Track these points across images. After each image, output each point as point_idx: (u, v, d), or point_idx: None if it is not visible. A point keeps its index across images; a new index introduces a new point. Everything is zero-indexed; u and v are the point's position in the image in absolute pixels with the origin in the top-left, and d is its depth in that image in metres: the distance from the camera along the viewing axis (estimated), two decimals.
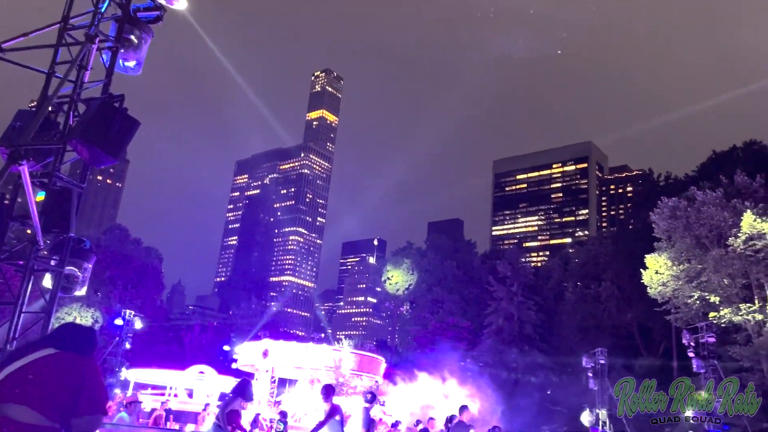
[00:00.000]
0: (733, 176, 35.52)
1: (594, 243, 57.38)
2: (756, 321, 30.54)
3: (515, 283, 51.31)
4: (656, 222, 35.16)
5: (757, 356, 30.52)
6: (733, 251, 30.78)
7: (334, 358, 21.36)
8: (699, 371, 24.28)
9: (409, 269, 62.76)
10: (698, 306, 32.54)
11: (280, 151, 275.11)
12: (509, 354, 48.40)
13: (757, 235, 30.01)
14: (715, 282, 32.04)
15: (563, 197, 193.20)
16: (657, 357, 43.33)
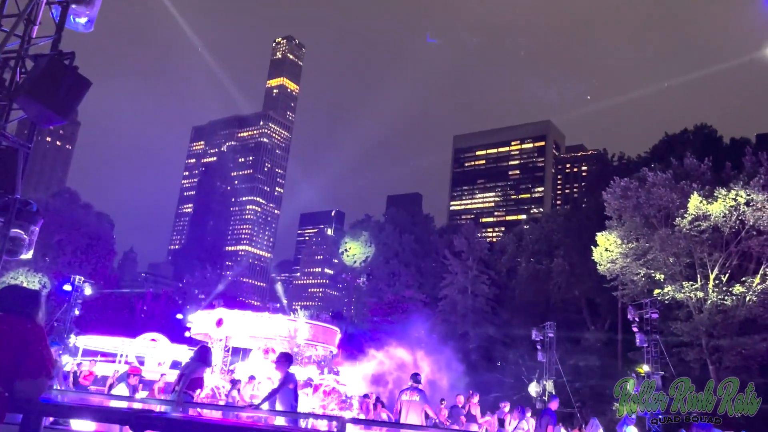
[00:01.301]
0: (683, 158, 36.68)
1: (548, 220, 58.66)
2: (697, 298, 31.95)
3: (470, 258, 52.20)
4: (608, 201, 36.13)
5: (697, 332, 31.99)
6: (679, 231, 31.95)
7: (289, 327, 21.39)
8: (641, 345, 25.25)
9: (366, 242, 62.99)
10: (644, 283, 33.81)
11: (239, 118, 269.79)
12: (462, 326, 49.48)
13: (702, 216, 31.21)
14: (660, 260, 33.28)
15: (520, 174, 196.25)
16: (603, 331, 44.96)
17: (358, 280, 65.47)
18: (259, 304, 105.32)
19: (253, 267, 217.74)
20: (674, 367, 27.16)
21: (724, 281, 31.81)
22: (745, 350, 30.86)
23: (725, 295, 31.25)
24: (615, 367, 39.68)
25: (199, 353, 9.54)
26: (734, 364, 31.26)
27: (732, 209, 30.56)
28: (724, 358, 31.73)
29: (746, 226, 30.76)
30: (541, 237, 53.36)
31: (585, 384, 38.04)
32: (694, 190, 31.64)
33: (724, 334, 31.34)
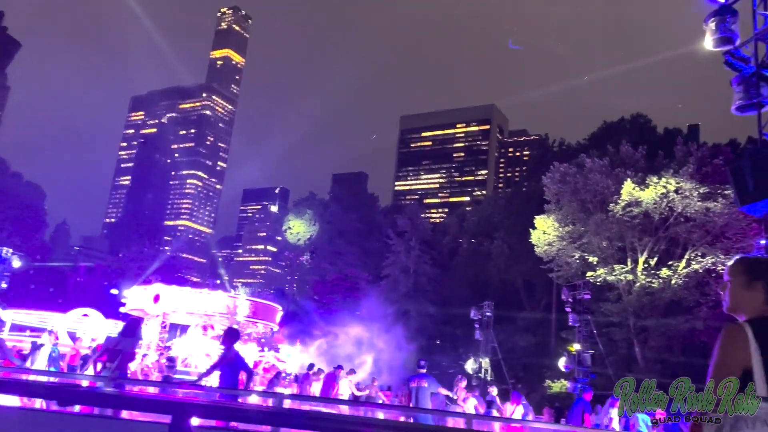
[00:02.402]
0: (619, 146, 38.00)
1: (489, 202, 59.91)
2: (627, 281, 33.44)
3: (413, 238, 52.75)
4: (547, 185, 37.15)
5: (625, 313, 33.54)
6: (612, 216, 33.25)
7: (229, 304, 21.14)
8: (574, 325, 26.38)
9: (311, 220, 62.65)
10: (578, 265, 35.09)
11: (180, 89, 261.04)
12: (404, 305, 50.10)
13: (635, 202, 32.56)
14: (594, 244, 34.59)
15: (465, 157, 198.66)
16: (539, 311, 46.46)
17: (302, 258, 65.16)
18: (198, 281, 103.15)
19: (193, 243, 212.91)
20: (603, 346, 28.48)
21: (652, 265, 33.38)
22: (668, 331, 32.57)
23: (653, 278, 32.82)
24: (548, 345, 41.19)
25: (128, 327, 9.30)
26: (658, 344, 33.00)
27: (662, 196, 31.98)
28: (649, 338, 33.43)
29: (674, 213, 32.28)
30: (482, 219, 54.46)
31: (520, 361, 39.34)
32: (628, 177, 32.91)
33: (650, 315, 32.98)
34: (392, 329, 37.48)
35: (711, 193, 31.05)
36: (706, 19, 9.75)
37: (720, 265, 30.50)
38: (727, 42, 9.49)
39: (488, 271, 49.13)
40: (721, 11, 9.52)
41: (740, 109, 9.39)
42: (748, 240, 28.92)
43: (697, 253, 32.34)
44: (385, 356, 34.41)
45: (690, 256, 32.59)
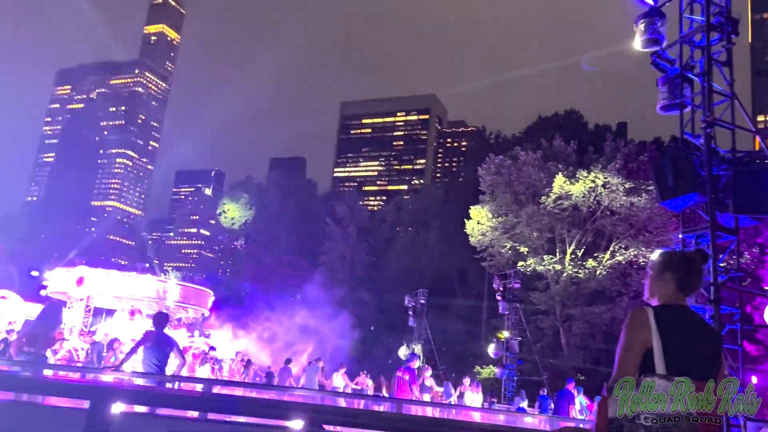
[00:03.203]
0: (552, 140, 39.20)
1: (427, 192, 60.67)
2: (555, 271, 34.68)
3: (351, 225, 52.77)
4: (483, 177, 37.93)
5: (553, 301, 34.84)
6: (544, 208, 34.35)
7: (158, 288, 20.53)
8: (504, 313, 27.12)
9: (247, 204, 61.55)
10: (510, 255, 36.10)
11: (111, 64, 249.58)
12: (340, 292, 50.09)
13: (565, 196, 33.74)
14: (526, 234, 35.65)
15: (404, 145, 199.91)
16: (471, 299, 47.52)
17: (236, 242, 64.03)
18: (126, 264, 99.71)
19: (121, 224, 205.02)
20: (531, 333, 29.47)
21: (579, 256, 34.75)
22: (592, 319, 34.05)
23: (579, 269, 34.19)
24: (479, 332, 42.27)
25: (47, 311, 8.88)
26: (582, 331, 34.47)
27: (590, 190, 33.28)
28: (573, 325, 34.86)
29: (601, 207, 33.68)
30: (419, 208, 55.09)
31: (451, 348, 40.20)
32: (560, 171, 34.05)
33: (575, 304, 34.38)
34: (329, 316, 37.46)
35: (635, 188, 32.53)
36: (637, 20, 10.15)
37: (642, 257, 32.09)
38: (655, 43, 9.91)
39: (424, 260, 49.79)
40: (650, 13, 9.93)
41: (664, 108, 9.85)
42: (668, 234, 30.51)
43: (621, 245, 33.88)
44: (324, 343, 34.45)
45: (614, 248, 34.11)
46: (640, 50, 10.23)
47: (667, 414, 2.45)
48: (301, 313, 40.37)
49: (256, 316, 36.58)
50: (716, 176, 8.64)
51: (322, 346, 34.11)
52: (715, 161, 8.84)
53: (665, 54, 9.97)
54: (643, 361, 2.60)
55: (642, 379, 2.53)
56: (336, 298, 49.63)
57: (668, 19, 10.33)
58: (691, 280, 2.81)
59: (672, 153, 8.86)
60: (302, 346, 33.64)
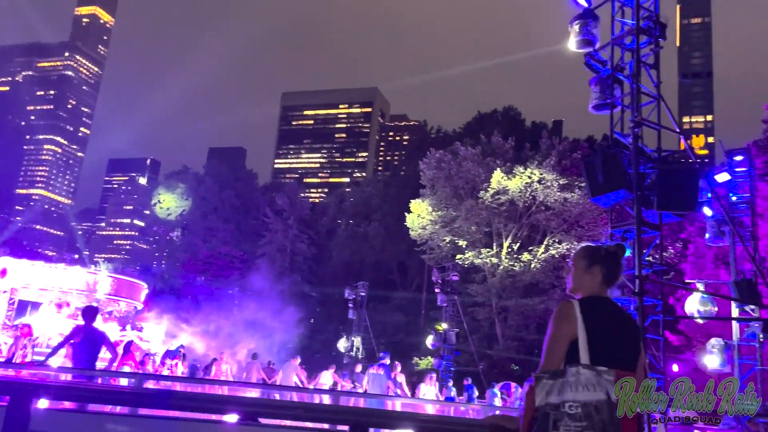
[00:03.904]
0: (491, 136, 40.02)
1: (369, 185, 60.68)
2: (492, 264, 35.50)
3: (292, 217, 52.24)
4: (423, 171, 38.35)
5: (489, 294, 35.66)
6: (482, 203, 35.06)
7: (88, 280, 19.74)
8: (442, 305, 27.55)
9: (183, 194, 59.86)
10: (449, 248, 36.70)
11: (39, 46, 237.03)
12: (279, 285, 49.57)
13: (502, 191, 34.53)
14: (464, 228, 36.31)
15: (346, 138, 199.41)
16: (410, 291, 48.06)
17: (172, 233, 62.27)
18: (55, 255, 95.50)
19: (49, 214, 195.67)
20: (467, 325, 30.07)
21: (515, 249, 35.69)
22: (526, 311, 35.07)
23: (515, 262, 35.12)
24: (418, 324, 42.80)
25: None
26: (517, 323, 35.44)
27: (527, 186, 34.20)
28: (509, 317, 35.82)
29: (537, 202, 34.67)
30: (361, 201, 55.10)
31: (390, 339, 40.51)
32: (498, 167, 34.83)
33: (511, 296, 35.32)
34: (268, 309, 37.05)
35: (569, 184, 33.64)
36: (571, 21, 10.46)
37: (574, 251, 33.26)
38: (588, 44, 10.25)
39: (364, 252, 49.91)
40: (584, 15, 10.25)
41: (596, 108, 10.21)
42: (598, 228, 31.77)
43: (555, 239, 35.00)
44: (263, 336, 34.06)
45: (548, 242, 35.21)
46: (575, 50, 10.55)
47: (591, 402, 2.55)
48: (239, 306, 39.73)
49: (193, 308, 35.79)
50: (643, 174, 9.04)
51: (261, 340, 33.72)
52: (642, 160, 9.25)
53: (598, 55, 10.32)
54: (569, 352, 2.70)
55: (567, 369, 2.63)
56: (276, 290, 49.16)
57: (601, 22, 10.72)
58: (615, 273, 2.94)
59: (602, 151, 9.21)
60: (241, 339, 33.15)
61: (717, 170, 13.61)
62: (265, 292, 47.72)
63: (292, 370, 17.33)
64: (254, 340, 33.39)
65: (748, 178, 13.49)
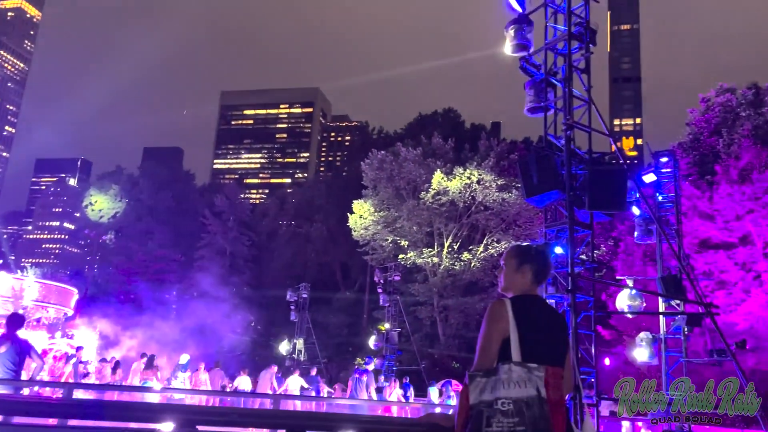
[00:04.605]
0: (431, 138, 40.52)
1: (311, 185, 60.37)
2: (433, 263, 35.94)
3: (232, 218, 51.31)
4: (365, 171, 38.44)
5: (430, 293, 36.10)
6: (423, 203, 35.45)
7: (14, 286, 18.77)
8: (384, 305, 27.68)
9: (116, 196, 57.80)
10: (391, 248, 36.92)
11: None
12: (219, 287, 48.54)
13: (443, 191, 35.03)
14: (406, 228, 36.62)
15: (287, 138, 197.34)
16: (353, 292, 48.03)
17: (104, 237, 60.04)
18: None
19: None
20: (410, 324, 30.33)
21: (456, 249, 36.26)
22: (467, 309, 35.69)
23: (455, 261, 35.68)
24: (360, 324, 42.85)
25: None
26: (457, 321, 36.02)
27: (466, 186, 34.82)
28: (449, 315, 36.36)
29: (476, 202, 35.35)
30: (303, 201, 54.70)
31: (333, 341, 40.42)
32: (438, 168, 35.30)
33: (451, 295, 35.87)
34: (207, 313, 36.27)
35: (507, 184, 34.46)
36: (507, 26, 10.73)
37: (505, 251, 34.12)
38: (523, 49, 10.54)
39: (307, 254, 49.56)
40: (519, 20, 10.53)
41: (531, 110, 10.51)
42: (535, 227, 32.67)
43: (494, 238, 35.77)
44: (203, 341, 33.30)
45: (487, 241, 35.95)
46: (510, 54, 10.82)
47: (522, 398, 2.62)
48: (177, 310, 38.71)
49: (127, 313, 34.61)
50: (575, 175, 9.37)
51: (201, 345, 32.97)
52: (574, 161, 9.59)
53: (532, 59, 10.62)
54: (502, 350, 2.77)
55: (500, 367, 2.69)
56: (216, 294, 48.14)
57: (536, 27, 11.03)
58: (544, 271, 3.04)
59: (536, 153, 9.50)
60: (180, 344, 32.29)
61: (644, 171, 14.25)
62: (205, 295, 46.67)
63: (269, 378, 17.37)
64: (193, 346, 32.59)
65: (673, 179, 14.15)
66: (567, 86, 10.14)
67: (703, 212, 22.37)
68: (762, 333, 20.85)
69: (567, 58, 10.31)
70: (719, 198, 22.16)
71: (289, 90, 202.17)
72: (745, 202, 21.36)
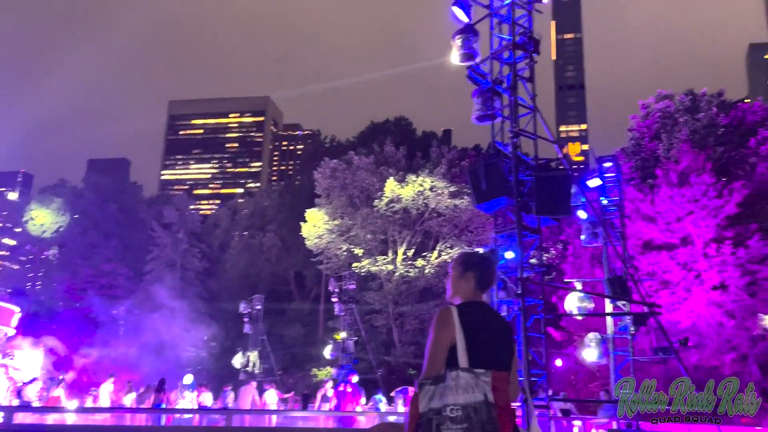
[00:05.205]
0: (383, 146, 40.70)
1: (263, 195, 59.68)
2: (388, 271, 36.02)
3: (182, 230, 50.19)
4: (318, 180, 38.29)
5: (386, 300, 36.16)
6: (377, 211, 35.53)
7: None
8: (340, 314, 27.50)
9: (60, 209, 55.79)
10: (345, 257, 36.83)
11: None
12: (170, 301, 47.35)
13: (396, 199, 35.20)
14: (360, 237, 36.62)
15: (238, 148, 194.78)
16: (308, 302, 47.65)
17: (48, 252, 57.83)
18: None
19: None
20: (365, 333, 30.29)
21: (410, 256, 36.45)
22: (421, 315, 35.87)
23: (410, 268, 35.86)
24: (316, 334, 42.52)
25: None
26: (413, 327, 36.16)
27: (419, 193, 35.09)
28: (405, 322, 36.48)
29: (429, 209, 35.65)
30: (255, 211, 54.01)
31: (288, 352, 39.97)
32: (391, 175, 35.48)
33: (407, 302, 36.01)
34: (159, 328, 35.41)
35: (458, 191, 34.89)
36: (454, 35, 10.91)
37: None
38: (470, 58, 10.73)
39: (260, 264, 48.91)
40: (465, 30, 10.72)
41: (478, 119, 10.69)
42: (487, 233, 33.16)
43: (447, 244, 36.13)
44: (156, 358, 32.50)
45: (441, 247, 36.28)
46: (458, 64, 11.00)
47: (470, 404, 2.66)
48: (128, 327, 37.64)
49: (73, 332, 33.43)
50: (522, 181, 9.59)
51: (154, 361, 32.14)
52: (521, 168, 9.80)
53: (479, 68, 10.83)
54: (449, 357, 2.80)
55: (448, 374, 2.72)
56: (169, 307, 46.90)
57: (482, 36, 11.24)
58: (488, 278, 3.09)
59: (485, 160, 9.67)
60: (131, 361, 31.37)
61: (589, 176, 14.68)
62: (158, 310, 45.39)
63: (249, 394, 17.28)
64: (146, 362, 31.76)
65: (616, 183, 14.62)
66: (513, 95, 10.38)
67: (645, 215, 23.16)
68: (704, 330, 21.70)
69: (512, 67, 10.55)
70: (660, 201, 22.99)
71: (239, 99, 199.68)
72: (685, 204, 22.23)
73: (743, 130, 28.84)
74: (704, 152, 25.24)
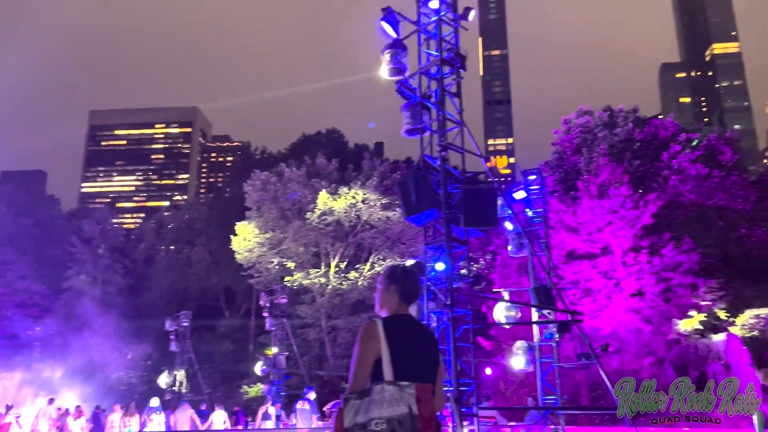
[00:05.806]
0: (315, 158, 40.53)
1: (191, 208, 58.06)
2: (321, 284, 35.74)
3: (103, 245, 48.06)
4: (249, 193, 37.64)
5: (318, 314, 35.84)
6: (309, 224, 35.25)
7: None
8: (271, 329, 26.97)
9: None
10: (277, 271, 36.29)
11: None
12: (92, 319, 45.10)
13: (329, 211, 35.06)
14: (293, 250, 36.19)
15: (164, 159, 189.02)
16: (238, 317, 46.58)
17: None
18: None
19: None
20: (298, 347, 29.86)
21: (343, 268, 36.33)
22: (355, 328, 35.75)
23: (343, 281, 35.73)
24: (247, 350, 41.58)
25: None
26: (346, 341, 35.98)
27: (351, 206, 35.09)
28: (338, 335, 36.27)
29: (361, 221, 35.70)
30: (182, 225, 52.46)
31: (218, 369, 38.87)
32: (323, 188, 35.33)
33: (339, 315, 35.82)
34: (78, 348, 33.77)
35: (390, 203, 35.15)
36: (383, 50, 11.03)
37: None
38: (398, 73, 10.87)
39: (188, 279, 47.45)
40: (394, 45, 10.87)
41: (408, 132, 10.84)
42: (418, 245, 33.53)
43: (379, 256, 36.27)
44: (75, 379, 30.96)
45: (373, 259, 36.38)
46: (387, 78, 11.12)
47: (395, 416, 2.66)
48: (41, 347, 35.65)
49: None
50: (450, 194, 9.77)
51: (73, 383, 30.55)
52: (449, 181, 9.99)
53: (407, 83, 10.98)
54: (375, 370, 2.80)
55: (373, 387, 2.72)
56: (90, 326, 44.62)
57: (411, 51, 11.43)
58: (411, 291, 3.12)
59: (414, 173, 9.80)
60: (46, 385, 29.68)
61: (515, 188, 15.16)
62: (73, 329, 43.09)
63: (187, 415, 17.42)
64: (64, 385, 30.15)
65: (541, 195, 15.17)
66: (440, 109, 10.59)
67: (568, 225, 24.11)
68: (624, 336, 22.74)
69: (440, 83, 10.77)
70: (582, 212, 24.01)
71: (165, 109, 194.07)
72: (605, 215, 23.32)
73: (657, 145, 30.62)
74: (621, 166, 26.62)
